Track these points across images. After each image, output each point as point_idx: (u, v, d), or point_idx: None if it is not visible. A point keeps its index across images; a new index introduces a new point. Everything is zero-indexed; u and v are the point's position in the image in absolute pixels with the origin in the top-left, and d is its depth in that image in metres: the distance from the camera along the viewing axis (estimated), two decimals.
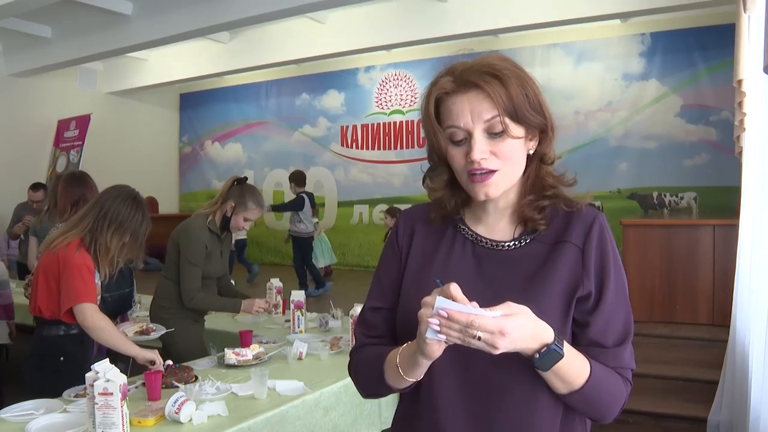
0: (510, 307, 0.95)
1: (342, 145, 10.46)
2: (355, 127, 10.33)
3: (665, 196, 7.52)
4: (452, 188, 1.16)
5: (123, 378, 1.88)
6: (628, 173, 7.99)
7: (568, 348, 1.02)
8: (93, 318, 2.45)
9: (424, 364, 1.04)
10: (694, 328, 4.64)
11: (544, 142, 1.12)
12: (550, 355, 0.98)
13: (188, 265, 3.07)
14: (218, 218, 3.17)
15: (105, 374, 1.85)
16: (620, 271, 1.13)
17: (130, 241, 2.59)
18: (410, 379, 1.07)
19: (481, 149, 1.05)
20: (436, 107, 1.10)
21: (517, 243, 1.13)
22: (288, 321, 3.57)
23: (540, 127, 1.10)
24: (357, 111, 10.31)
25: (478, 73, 1.06)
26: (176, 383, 2.42)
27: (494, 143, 1.06)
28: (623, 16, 7.25)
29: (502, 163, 1.07)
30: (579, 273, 1.09)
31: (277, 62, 9.06)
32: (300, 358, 2.87)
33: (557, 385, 1.04)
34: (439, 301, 0.93)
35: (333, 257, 8.94)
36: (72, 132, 9.27)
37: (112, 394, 1.83)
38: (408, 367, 1.05)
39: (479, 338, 0.91)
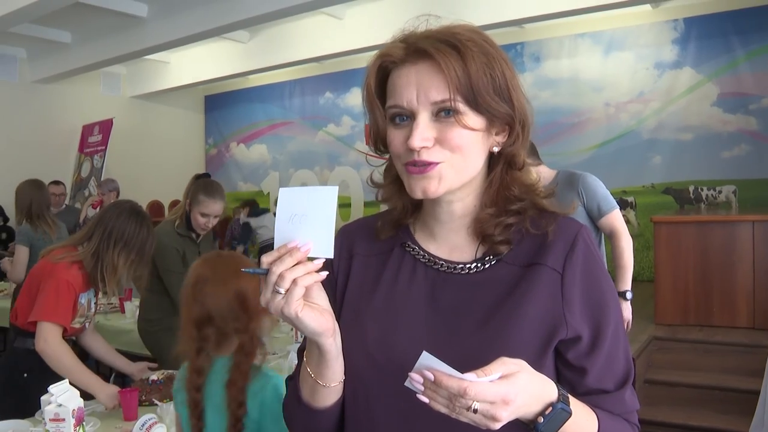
0: (506, 364, 0.73)
1: (367, 143, 10.25)
2: None
3: (702, 190, 7.19)
4: (401, 185, 0.93)
5: (79, 402, 1.72)
6: (662, 167, 7.62)
7: (573, 402, 0.80)
8: (49, 342, 2.23)
9: (326, 355, 0.86)
10: (732, 332, 4.38)
11: (514, 139, 0.89)
12: (557, 416, 0.77)
13: (168, 274, 2.95)
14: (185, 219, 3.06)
15: (58, 398, 1.70)
16: (616, 298, 0.91)
17: (136, 258, 2.50)
18: (322, 383, 0.88)
19: (424, 136, 0.83)
20: (384, 79, 0.89)
21: (479, 265, 0.90)
22: (293, 329, 3.41)
23: (506, 119, 0.87)
24: None
25: (434, 40, 0.85)
26: (156, 401, 2.26)
27: (442, 128, 0.84)
28: (654, 0, 6.94)
29: (449, 154, 0.85)
30: (558, 307, 0.86)
31: (297, 60, 8.95)
32: None
33: None
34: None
35: None
36: (96, 137, 9.32)
37: (63, 420, 1.67)
38: (314, 364, 0.88)
39: (475, 410, 0.70)
